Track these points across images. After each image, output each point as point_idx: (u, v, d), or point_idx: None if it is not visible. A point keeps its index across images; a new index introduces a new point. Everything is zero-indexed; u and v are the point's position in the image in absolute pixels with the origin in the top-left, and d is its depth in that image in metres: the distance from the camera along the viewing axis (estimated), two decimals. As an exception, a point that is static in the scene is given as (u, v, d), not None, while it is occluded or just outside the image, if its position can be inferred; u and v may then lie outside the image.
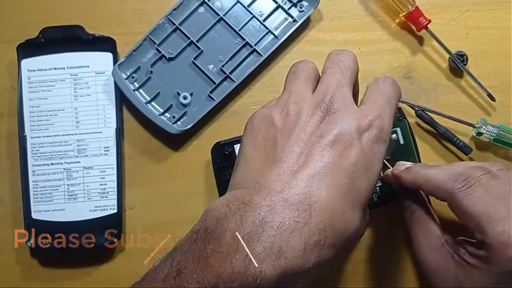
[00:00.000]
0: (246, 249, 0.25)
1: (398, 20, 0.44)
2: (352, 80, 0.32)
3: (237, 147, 0.41)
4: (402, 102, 0.42)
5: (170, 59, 0.43)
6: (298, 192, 0.27)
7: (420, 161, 0.41)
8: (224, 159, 0.41)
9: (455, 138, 0.42)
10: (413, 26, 0.44)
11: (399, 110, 0.41)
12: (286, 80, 0.33)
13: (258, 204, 0.27)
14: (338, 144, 0.29)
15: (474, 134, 0.42)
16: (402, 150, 0.40)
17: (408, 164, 0.38)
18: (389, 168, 0.38)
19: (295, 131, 0.30)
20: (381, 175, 0.39)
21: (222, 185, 0.41)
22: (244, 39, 0.43)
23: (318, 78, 0.33)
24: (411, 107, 0.42)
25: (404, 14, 0.43)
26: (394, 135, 0.40)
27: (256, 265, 0.25)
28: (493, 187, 0.33)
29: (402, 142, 0.41)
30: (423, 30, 0.43)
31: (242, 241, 0.25)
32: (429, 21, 0.43)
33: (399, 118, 0.41)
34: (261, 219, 0.26)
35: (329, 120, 0.30)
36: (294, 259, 0.26)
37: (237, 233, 0.26)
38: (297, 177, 0.28)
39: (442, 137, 0.42)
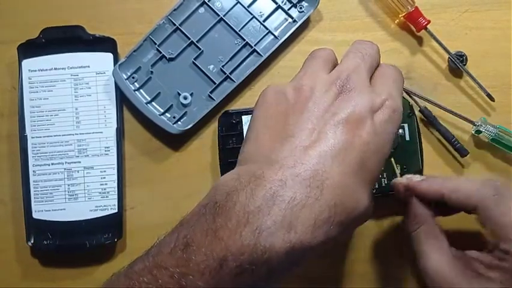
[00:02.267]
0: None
1: (397, 20, 0.44)
2: (371, 68, 0.32)
3: (244, 117, 0.42)
4: (410, 93, 0.42)
5: (171, 59, 0.43)
6: (310, 168, 0.27)
7: (422, 160, 0.41)
8: (230, 128, 0.42)
9: (453, 139, 0.42)
10: (413, 27, 0.44)
11: (409, 106, 0.41)
12: (305, 62, 0.33)
13: (269, 178, 0.27)
14: (352, 122, 0.29)
15: (473, 132, 0.42)
16: (407, 146, 0.40)
17: (417, 177, 0.36)
18: (396, 170, 0.38)
19: (309, 107, 0.30)
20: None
21: (225, 153, 0.41)
22: (244, 40, 0.43)
23: (337, 64, 0.33)
24: (415, 102, 0.42)
25: (403, 14, 0.43)
26: (401, 131, 0.40)
27: (265, 238, 0.25)
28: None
29: (408, 138, 0.41)
30: (423, 30, 0.43)
31: (251, 214, 0.25)
32: (429, 21, 0.43)
33: (408, 114, 0.41)
34: (272, 193, 0.26)
35: (343, 97, 0.30)
36: (303, 234, 0.26)
37: (247, 206, 0.26)
38: (309, 153, 0.28)
39: (441, 135, 0.42)
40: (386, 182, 0.40)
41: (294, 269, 0.27)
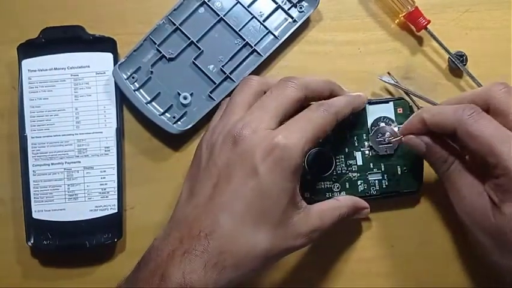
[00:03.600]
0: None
1: (397, 20, 0.44)
2: (281, 107, 0.34)
3: None
4: (409, 92, 0.42)
5: (171, 59, 0.43)
6: (201, 224, 0.32)
7: (422, 160, 0.40)
8: None
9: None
10: (413, 27, 0.44)
11: (409, 107, 0.41)
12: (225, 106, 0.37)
13: (172, 237, 0.32)
14: (240, 172, 0.32)
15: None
16: (407, 147, 0.40)
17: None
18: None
19: (209, 164, 0.34)
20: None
21: None
22: (244, 40, 0.43)
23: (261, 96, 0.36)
24: (414, 103, 0.42)
25: (403, 14, 0.43)
26: None
27: (167, 285, 0.30)
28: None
29: None
30: (423, 30, 0.43)
31: (158, 267, 0.31)
32: (429, 21, 0.43)
33: (408, 115, 0.41)
34: (173, 249, 0.31)
35: (235, 149, 0.33)
36: (196, 278, 0.30)
37: (156, 261, 0.32)
38: (203, 209, 0.32)
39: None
40: (386, 184, 0.40)
41: None
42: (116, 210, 0.41)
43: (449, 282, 0.41)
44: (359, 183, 0.40)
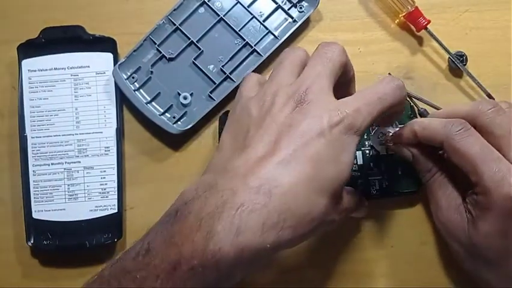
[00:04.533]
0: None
1: (397, 20, 0.44)
2: (333, 72, 0.33)
3: None
4: (409, 94, 0.42)
5: (171, 59, 0.43)
6: (261, 177, 0.29)
7: None
8: None
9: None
10: (413, 27, 0.44)
11: (410, 107, 0.41)
12: (274, 68, 0.35)
13: (221, 187, 0.29)
14: (306, 134, 0.30)
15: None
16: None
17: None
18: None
19: (267, 120, 0.31)
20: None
21: None
22: (244, 40, 0.43)
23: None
24: (415, 104, 0.42)
25: (403, 14, 0.43)
26: None
27: (215, 242, 0.27)
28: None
29: None
30: (423, 30, 0.43)
31: (203, 220, 0.28)
32: (429, 21, 0.43)
33: (409, 116, 0.41)
34: (223, 201, 0.28)
35: (300, 110, 0.31)
36: (251, 238, 0.27)
37: (200, 213, 0.28)
38: (262, 163, 0.29)
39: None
40: (387, 183, 0.40)
41: (250, 269, 0.29)
42: (116, 210, 0.41)
43: (449, 282, 0.41)
44: (359, 183, 0.40)
